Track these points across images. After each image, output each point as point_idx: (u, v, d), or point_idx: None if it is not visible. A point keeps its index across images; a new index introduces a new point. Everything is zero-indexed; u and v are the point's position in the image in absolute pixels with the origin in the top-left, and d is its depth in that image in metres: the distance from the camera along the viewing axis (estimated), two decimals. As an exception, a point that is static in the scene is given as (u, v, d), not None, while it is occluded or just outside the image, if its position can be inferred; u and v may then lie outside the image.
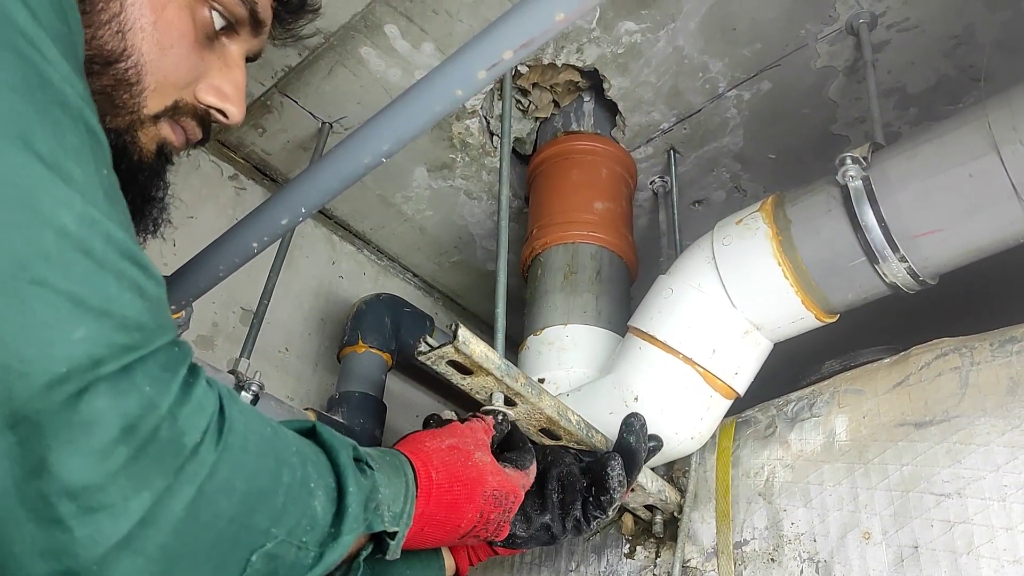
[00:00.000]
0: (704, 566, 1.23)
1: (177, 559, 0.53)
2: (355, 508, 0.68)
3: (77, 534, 0.48)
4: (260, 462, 0.59)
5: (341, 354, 1.79)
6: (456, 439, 0.89)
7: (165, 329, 0.56)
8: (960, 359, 1.14)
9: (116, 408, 0.50)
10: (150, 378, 0.53)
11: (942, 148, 1.10)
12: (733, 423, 1.37)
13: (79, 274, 0.50)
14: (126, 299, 0.53)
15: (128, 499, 0.50)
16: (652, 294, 1.33)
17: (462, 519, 0.84)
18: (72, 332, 0.49)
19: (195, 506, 0.53)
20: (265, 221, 0.99)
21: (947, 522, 1.02)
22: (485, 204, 2.03)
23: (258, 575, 0.59)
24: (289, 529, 0.61)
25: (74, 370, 0.48)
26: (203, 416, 0.55)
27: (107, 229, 0.53)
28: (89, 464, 0.49)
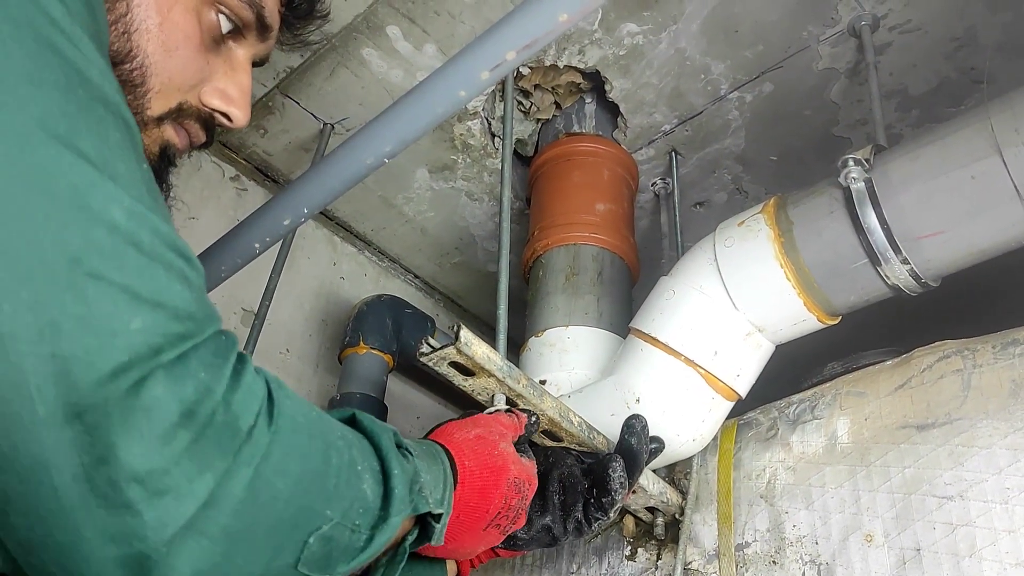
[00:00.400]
0: (705, 568, 1.23)
1: (239, 540, 0.54)
2: (401, 490, 0.69)
3: (146, 517, 0.50)
4: (310, 444, 0.61)
5: (342, 355, 1.79)
6: (481, 429, 0.91)
7: (213, 318, 0.58)
8: (962, 361, 1.14)
9: (174, 394, 0.52)
10: (204, 365, 0.54)
11: (944, 150, 1.10)
12: (735, 425, 1.37)
13: (132, 267, 0.52)
14: (176, 290, 0.54)
15: (192, 481, 0.52)
16: (654, 296, 1.32)
17: (491, 504, 0.86)
18: (130, 323, 0.51)
19: (254, 487, 0.55)
20: (267, 222, 0.99)
21: (949, 524, 1.02)
22: (486, 205, 2.03)
23: (314, 557, 0.61)
24: (343, 511, 0.63)
25: (135, 359, 0.50)
26: (255, 400, 0.57)
27: (154, 223, 0.55)
28: (153, 449, 0.50)
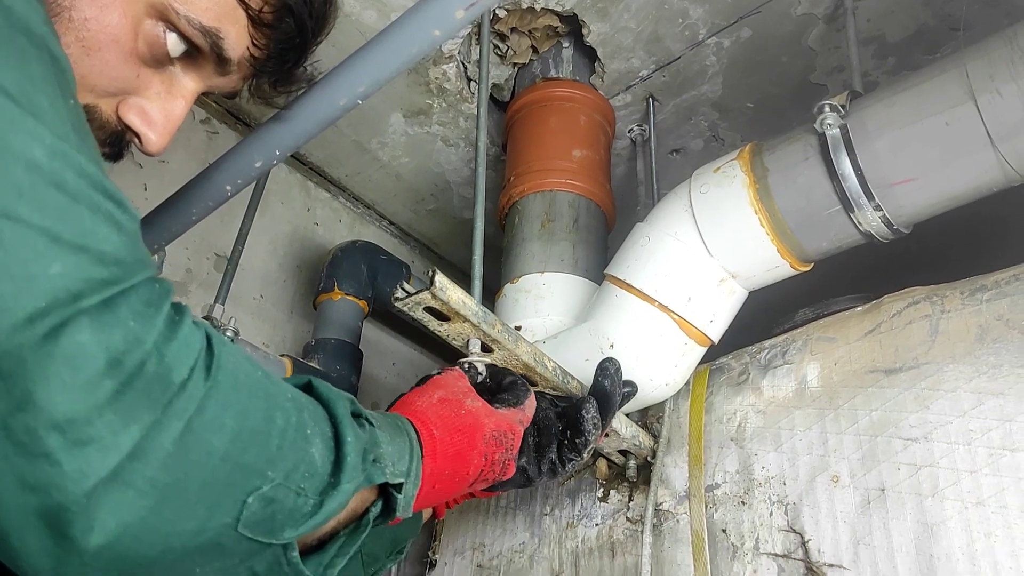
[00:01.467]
0: (676, 509, 1.25)
1: (169, 494, 0.53)
2: (353, 458, 0.67)
3: (66, 467, 0.48)
4: (250, 402, 0.59)
5: (317, 301, 1.78)
6: (443, 391, 0.88)
7: (144, 264, 0.55)
8: (931, 307, 1.16)
9: (100, 342, 0.50)
10: (134, 313, 0.52)
11: (920, 97, 1.11)
12: (707, 370, 1.38)
13: (53, 208, 0.50)
14: (102, 233, 0.52)
15: (116, 433, 0.50)
16: (629, 242, 1.33)
17: (468, 467, 0.84)
18: (48, 267, 0.49)
19: (184, 441, 0.53)
20: (238, 163, 0.97)
21: (914, 465, 1.04)
22: (462, 151, 2.01)
23: (255, 519, 0.59)
24: (286, 473, 0.60)
25: (53, 304, 0.48)
26: (190, 352, 0.55)
27: (79, 162, 0.52)
28: (75, 397, 0.49)
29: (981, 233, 1.57)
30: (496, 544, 1.46)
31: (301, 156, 2.06)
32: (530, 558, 1.39)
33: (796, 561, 1.09)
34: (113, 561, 0.52)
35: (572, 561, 1.33)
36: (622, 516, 1.32)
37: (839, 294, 1.40)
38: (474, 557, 1.48)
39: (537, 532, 1.41)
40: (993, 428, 1.00)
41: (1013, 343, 1.05)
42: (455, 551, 1.52)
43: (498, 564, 1.43)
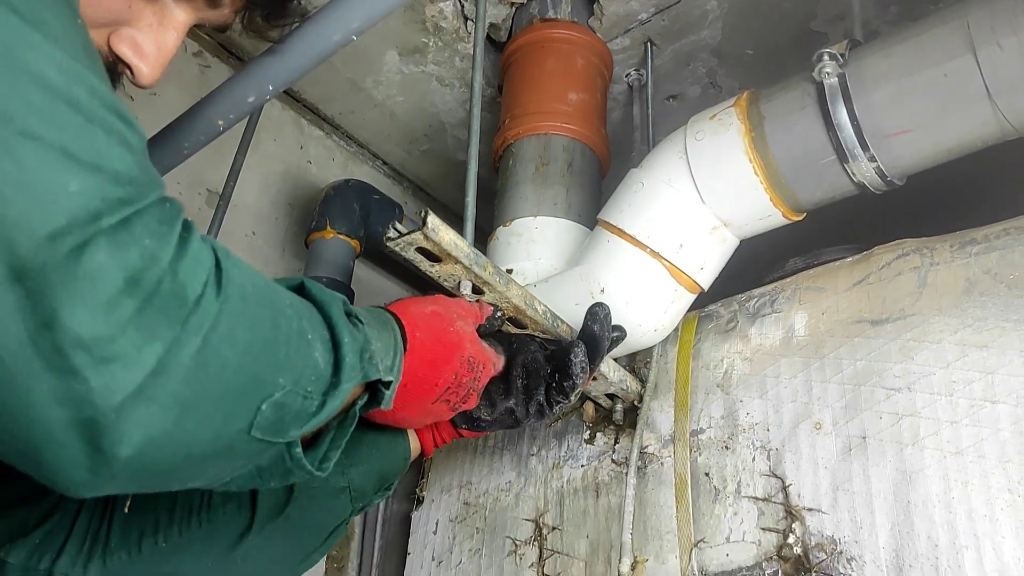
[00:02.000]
0: (661, 452, 1.27)
1: (189, 407, 0.55)
2: (352, 358, 0.70)
3: (93, 384, 0.50)
4: (259, 312, 0.61)
5: (309, 239, 1.78)
6: (439, 307, 0.91)
7: (156, 183, 0.56)
8: (920, 259, 1.16)
9: (118, 261, 0.51)
10: (149, 232, 0.53)
11: (919, 47, 1.10)
12: (696, 317, 1.39)
13: (68, 127, 0.50)
14: (116, 153, 0.53)
15: (140, 349, 0.52)
16: (623, 188, 1.32)
17: (440, 377, 0.87)
18: (67, 185, 0.49)
19: (202, 356, 0.55)
20: (230, 98, 0.97)
21: (895, 415, 1.06)
22: (457, 92, 1.99)
23: (267, 423, 0.62)
24: (295, 379, 0.63)
25: (74, 223, 0.49)
26: (202, 269, 0.56)
27: (91, 82, 0.53)
28: (97, 316, 0.50)
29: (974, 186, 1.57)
30: (483, 482, 1.48)
31: (295, 93, 2.03)
32: (516, 497, 1.41)
33: (776, 505, 1.11)
34: (140, 470, 0.55)
35: (557, 500, 1.36)
36: (607, 458, 1.34)
37: (830, 244, 1.40)
38: (461, 495, 1.50)
39: (523, 472, 1.43)
40: (975, 380, 1.01)
41: (999, 297, 1.06)
42: (442, 488, 1.54)
43: (484, 502, 1.46)
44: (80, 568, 0.78)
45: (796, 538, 1.07)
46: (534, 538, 1.35)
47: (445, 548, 1.47)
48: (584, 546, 1.28)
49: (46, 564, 0.77)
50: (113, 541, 0.80)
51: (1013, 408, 0.97)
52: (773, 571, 1.07)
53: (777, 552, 1.08)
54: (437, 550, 1.48)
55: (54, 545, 0.78)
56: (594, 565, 1.25)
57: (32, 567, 0.77)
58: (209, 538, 0.85)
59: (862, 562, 1.01)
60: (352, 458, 0.97)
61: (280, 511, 0.90)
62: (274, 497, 0.90)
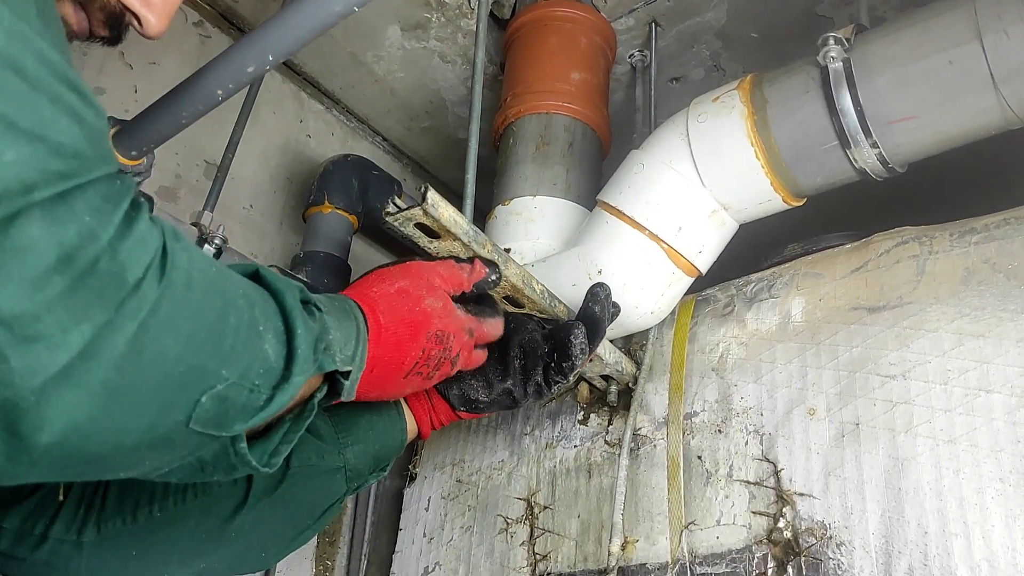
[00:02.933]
0: (654, 435, 1.28)
1: (120, 395, 0.52)
2: (304, 349, 0.67)
3: (13, 363, 0.48)
4: (206, 301, 0.58)
5: (307, 213, 1.77)
6: (407, 281, 0.87)
7: (106, 160, 0.54)
8: (919, 247, 1.16)
9: (52, 236, 0.49)
10: (90, 208, 0.51)
11: (925, 33, 1.09)
12: (693, 300, 1.39)
13: (9, 94, 0.48)
14: (62, 124, 0.50)
15: (66, 331, 0.49)
16: (623, 169, 1.32)
17: (406, 356, 0.84)
18: (2, 154, 0.47)
19: (137, 342, 0.52)
20: (230, 67, 0.96)
21: (889, 402, 1.06)
22: (459, 69, 1.98)
23: (207, 416, 0.59)
24: (241, 372, 0.61)
25: (3, 193, 0.47)
26: (145, 251, 0.54)
27: (40, 48, 0.50)
28: (22, 292, 0.47)
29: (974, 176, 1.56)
30: (476, 460, 1.48)
31: (295, 66, 2.02)
32: (508, 475, 1.42)
33: (768, 489, 1.11)
34: (63, 458, 0.52)
35: (549, 480, 1.36)
36: (600, 439, 1.34)
37: (829, 231, 1.40)
38: (453, 472, 1.51)
39: (516, 451, 1.44)
40: (971, 369, 1.01)
41: (998, 286, 1.05)
42: (435, 466, 1.55)
43: (477, 480, 1.46)
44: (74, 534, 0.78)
45: (786, 522, 1.07)
46: (525, 517, 1.36)
47: (437, 525, 1.47)
48: (575, 525, 1.28)
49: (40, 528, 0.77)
50: (108, 508, 0.80)
51: (1007, 398, 0.97)
52: (763, 554, 1.08)
53: (767, 536, 1.09)
54: (429, 527, 1.49)
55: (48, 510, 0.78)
56: (584, 545, 1.26)
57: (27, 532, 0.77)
58: (203, 511, 0.85)
59: (851, 547, 1.01)
60: (349, 438, 0.97)
61: (275, 488, 0.90)
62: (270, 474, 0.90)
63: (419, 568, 1.46)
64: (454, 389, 1.04)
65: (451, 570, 1.41)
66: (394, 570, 1.51)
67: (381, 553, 1.63)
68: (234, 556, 0.89)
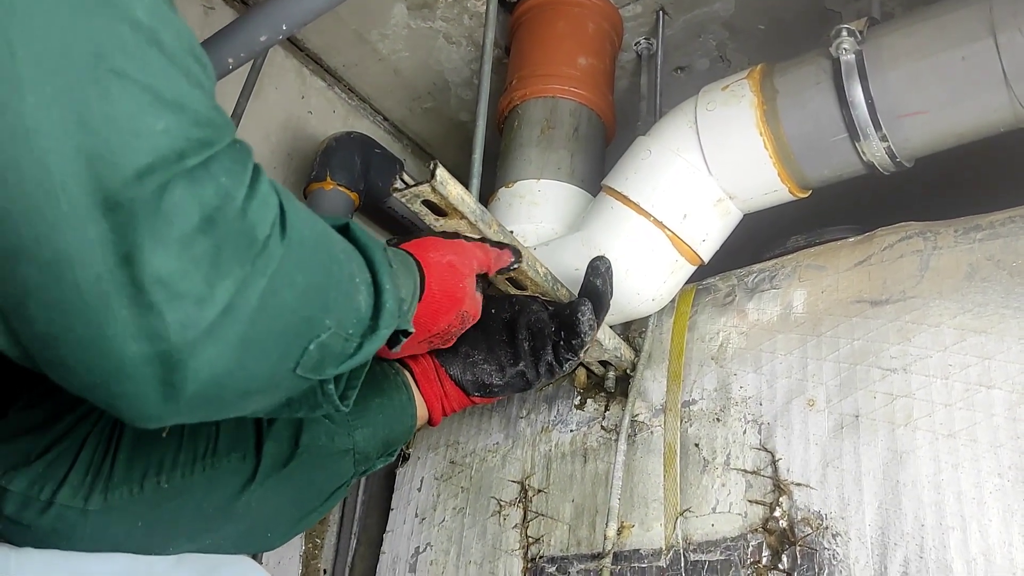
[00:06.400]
0: (651, 422, 1.28)
1: (251, 347, 0.57)
2: (391, 304, 0.72)
3: (168, 319, 0.51)
4: (316, 257, 0.63)
5: (308, 190, 1.76)
6: (457, 257, 0.93)
7: (230, 124, 0.57)
8: (923, 243, 1.16)
9: (195, 198, 0.52)
10: (225, 171, 0.54)
11: (940, 28, 1.09)
12: (694, 289, 1.39)
13: (155, 67, 0.51)
14: (196, 94, 0.54)
15: (213, 287, 0.53)
16: (630, 155, 1.32)
17: (437, 326, 0.91)
18: (154, 124, 0.50)
19: (266, 297, 0.56)
20: (243, 36, 0.95)
21: (890, 395, 1.06)
22: (464, 50, 1.96)
23: (311, 362, 0.64)
24: (339, 321, 0.65)
25: (160, 162, 0.50)
26: (270, 210, 0.58)
27: (176, 24, 0.53)
28: (174, 252, 0.51)
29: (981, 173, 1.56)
30: (470, 442, 1.48)
31: (298, 42, 2.00)
32: (503, 458, 1.42)
33: (765, 478, 1.12)
34: (200, 405, 0.57)
35: (544, 464, 1.36)
36: (597, 424, 1.34)
37: (833, 223, 1.40)
38: (447, 453, 1.51)
39: (512, 434, 1.44)
40: (972, 364, 1.02)
41: (1001, 283, 1.06)
42: (429, 447, 1.54)
43: (471, 462, 1.46)
44: (81, 499, 0.78)
45: (783, 512, 1.08)
46: (519, 499, 1.36)
47: (429, 505, 1.47)
48: (569, 510, 1.29)
49: (47, 494, 0.76)
50: (116, 476, 0.80)
51: (1008, 394, 0.98)
52: (758, 543, 1.08)
53: (763, 525, 1.09)
54: (421, 507, 1.49)
55: (56, 475, 0.77)
56: (578, 529, 1.26)
57: (33, 496, 0.76)
58: (211, 485, 0.85)
59: (847, 538, 1.02)
60: (359, 421, 0.97)
61: (283, 466, 0.90)
62: (279, 452, 0.90)
63: (410, 548, 1.46)
64: (468, 375, 1.05)
65: (442, 551, 1.41)
66: (384, 550, 1.50)
67: (371, 532, 1.63)
68: (240, 534, 0.89)
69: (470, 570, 1.35)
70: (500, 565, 1.32)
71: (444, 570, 1.39)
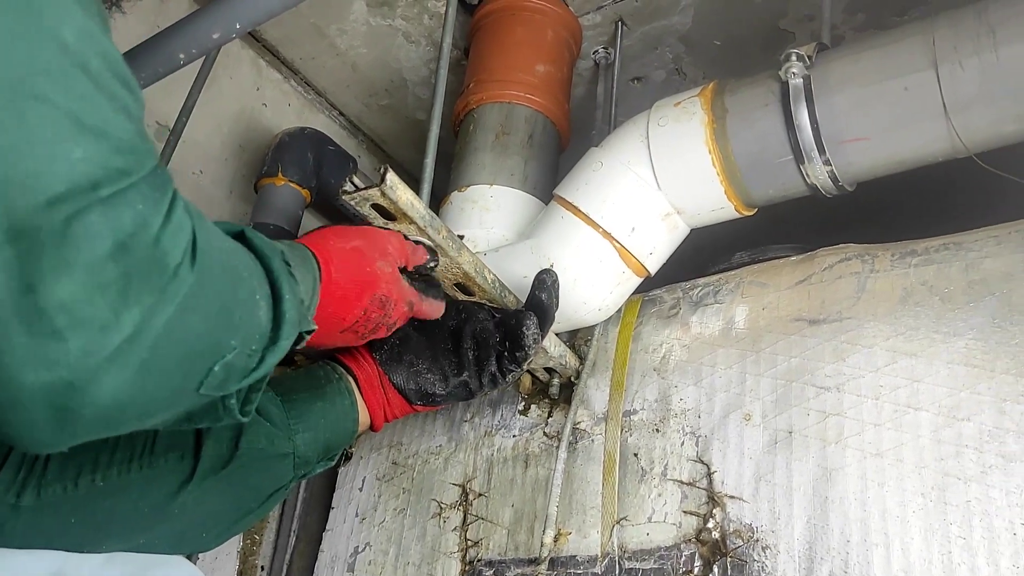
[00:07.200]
0: (593, 429, 1.29)
1: (154, 372, 0.56)
2: (292, 314, 0.71)
3: (71, 345, 0.51)
4: (223, 280, 0.62)
5: (259, 184, 1.74)
6: (363, 242, 0.91)
7: (152, 152, 0.57)
8: (861, 265, 1.19)
9: (109, 225, 0.51)
10: (142, 197, 0.54)
11: (884, 58, 1.12)
12: (640, 300, 1.41)
13: (78, 92, 0.50)
14: (119, 121, 0.53)
15: (119, 314, 0.52)
16: (582, 165, 1.33)
17: (348, 314, 0.89)
18: (72, 151, 0.49)
19: (172, 324, 0.56)
20: (196, 32, 0.94)
21: (822, 412, 1.09)
22: (423, 50, 1.96)
23: (215, 381, 0.63)
24: (243, 339, 0.65)
25: (73, 191, 0.49)
26: (183, 236, 0.57)
27: (104, 46, 0.53)
28: (80, 278, 0.50)
29: (923, 198, 1.61)
30: (413, 444, 1.49)
31: (255, 33, 1.98)
32: (445, 461, 1.42)
33: (700, 490, 1.14)
34: (97, 428, 0.56)
35: (486, 468, 1.37)
36: (540, 431, 1.35)
37: (778, 242, 1.43)
38: (390, 454, 1.51)
39: (455, 437, 1.44)
40: (902, 386, 1.05)
41: (933, 308, 1.09)
42: (372, 447, 1.54)
43: (413, 463, 1.46)
44: (13, 496, 0.76)
45: (716, 523, 1.10)
46: (460, 503, 1.37)
47: (370, 505, 1.47)
48: (508, 514, 1.30)
49: None
50: (50, 473, 0.78)
51: (934, 416, 1.01)
52: (690, 553, 1.10)
53: (696, 535, 1.11)
54: (362, 507, 1.48)
55: None
56: (517, 534, 1.27)
57: None
58: (147, 484, 0.84)
59: (776, 551, 1.04)
60: (300, 425, 0.96)
61: (222, 468, 0.89)
62: (218, 454, 0.89)
63: (349, 547, 1.46)
64: (411, 384, 1.05)
65: (381, 551, 1.41)
66: (323, 548, 1.50)
67: (311, 530, 1.62)
68: (175, 534, 0.88)
69: (408, 571, 1.36)
70: (438, 567, 1.32)
71: (382, 570, 1.39)
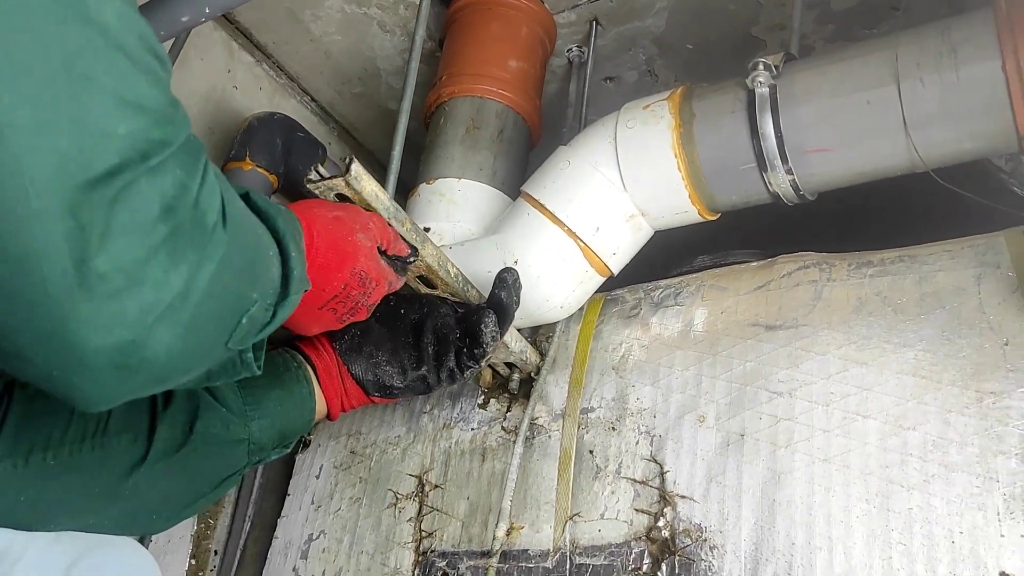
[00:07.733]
0: (550, 425, 1.31)
1: (198, 327, 0.60)
2: (299, 270, 0.75)
3: (129, 305, 0.54)
4: (247, 238, 0.67)
5: (226, 168, 1.73)
6: (345, 213, 0.94)
7: (186, 119, 0.60)
8: (819, 273, 1.22)
9: (155, 189, 0.55)
10: (181, 163, 0.58)
11: (850, 71, 1.14)
12: (602, 299, 1.42)
13: (120, 71, 0.54)
14: (155, 95, 0.57)
15: (168, 272, 0.56)
16: (550, 164, 1.34)
17: (328, 284, 0.91)
18: (118, 126, 0.53)
19: (213, 280, 0.60)
20: (164, 15, 0.93)
21: (774, 417, 1.11)
22: (398, 39, 1.96)
23: (241, 334, 0.68)
24: (261, 293, 0.69)
25: (126, 163, 0.53)
26: (215, 198, 0.61)
27: (140, 26, 0.56)
28: (137, 241, 0.54)
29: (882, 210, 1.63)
30: (372, 433, 1.49)
31: (229, 15, 1.96)
32: (403, 451, 1.43)
33: (652, 488, 1.16)
34: (150, 385, 0.61)
35: (443, 460, 1.38)
36: (498, 425, 1.36)
37: (740, 247, 1.45)
38: (348, 443, 1.51)
39: (414, 428, 1.45)
40: (852, 394, 1.07)
41: (885, 319, 1.12)
42: (330, 435, 1.54)
43: (371, 452, 1.46)
44: None
45: (666, 522, 1.12)
46: (416, 493, 1.37)
47: (326, 493, 1.48)
48: (464, 507, 1.31)
49: None
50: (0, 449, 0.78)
51: (881, 425, 1.03)
52: (640, 550, 1.12)
53: (646, 533, 1.13)
54: (318, 494, 1.49)
55: None
56: (471, 526, 1.28)
57: None
58: (99, 465, 0.83)
59: (723, 551, 1.06)
60: (256, 412, 0.97)
61: (175, 451, 0.89)
62: (171, 437, 0.89)
63: (303, 534, 1.46)
64: (369, 375, 1.06)
65: (336, 539, 1.41)
66: (278, 534, 1.50)
67: (266, 516, 1.62)
68: (125, 515, 0.88)
69: (362, 560, 1.36)
70: (392, 556, 1.33)
71: (336, 558, 1.39)
